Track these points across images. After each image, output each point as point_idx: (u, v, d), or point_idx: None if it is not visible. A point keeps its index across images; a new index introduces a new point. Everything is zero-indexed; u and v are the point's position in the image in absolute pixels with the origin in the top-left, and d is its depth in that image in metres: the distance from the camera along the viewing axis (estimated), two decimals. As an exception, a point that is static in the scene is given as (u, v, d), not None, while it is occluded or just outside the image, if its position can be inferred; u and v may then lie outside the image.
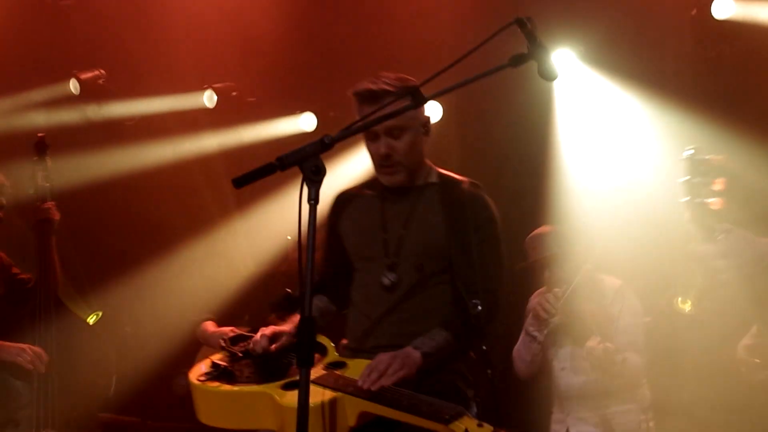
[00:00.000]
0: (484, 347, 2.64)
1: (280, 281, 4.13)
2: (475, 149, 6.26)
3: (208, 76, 6.30)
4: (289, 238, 4.38)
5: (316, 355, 2.79)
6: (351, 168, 5.94)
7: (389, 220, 2.89)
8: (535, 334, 3.89)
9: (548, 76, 2.46)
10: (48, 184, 4.27)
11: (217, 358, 2.86)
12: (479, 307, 2.66)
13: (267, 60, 6.10)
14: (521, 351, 4.01)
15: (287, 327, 2.86)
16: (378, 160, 2.89)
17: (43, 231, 4.17)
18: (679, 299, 5.66)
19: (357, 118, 2.84)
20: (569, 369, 3.95)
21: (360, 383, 2.56)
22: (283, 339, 2.81)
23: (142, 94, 6.31)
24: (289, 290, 2.97)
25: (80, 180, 5.77)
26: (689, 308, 5.63)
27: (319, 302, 3.02)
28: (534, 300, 3.90)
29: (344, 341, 2.99)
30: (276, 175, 2.18)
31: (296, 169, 2.18)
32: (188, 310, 5.98)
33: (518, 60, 2.39)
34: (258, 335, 2.81)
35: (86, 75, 6.13)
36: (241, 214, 6.41)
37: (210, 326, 4.22)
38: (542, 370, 4.06)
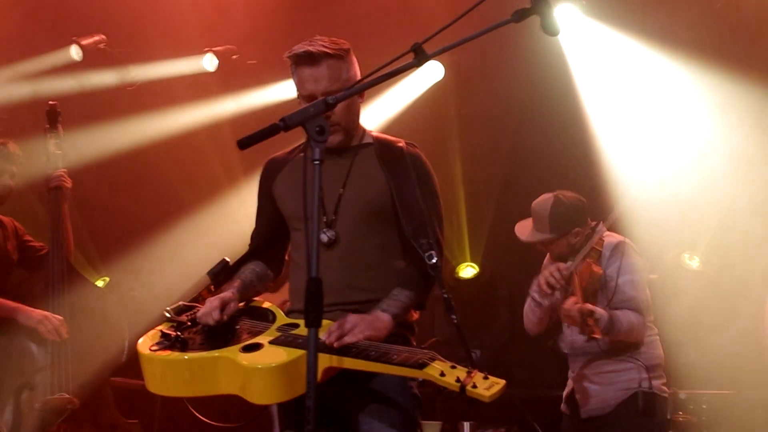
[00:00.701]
0: (445, 294, 2.64)
1: None
2: (477, 112, 6.24)
3: (209, 40, 6.26)
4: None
5: (262, 321, 2.81)
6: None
7: (326, 179, 2.88)
8: (540, 300, 3.91)
9: (551, 31, 2.44)
10: (60, 152, 4.27)
11: (164, 328, 2.83)
12: (435, 258, 2.68)
13: (267, 22, 6.06)
14: (528, 313, 4.03)
15: (230, 294, 2.85)
16: None
17: (55, 199, 4.18)
18: (686, 255, 5.69)
19: (294, 81, 2.90)
20: (574, 328, 3.94)
21: (324, 338, 2.57)
22: (232, 306, 2.81)
23: (141, 59, 6.27)
24: (226, 258, 2.96)
25: (88, 148, 5.79)
26: (697, 265, 5.65)
27: (256, 267, 3.02)
28: (543, 273, 3.86)
29: (288, 304, 3.00)
30: (283, 140, 2.18)
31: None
32: (197, 274, 6.03)
33: (521, 15, 2.37)
34: (207, 306, 2.79)
35: (87, 40, 6.10)
36: (248, 179, 6.40)
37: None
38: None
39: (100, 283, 5.96)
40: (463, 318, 2.65)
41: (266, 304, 2.93)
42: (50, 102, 4.35)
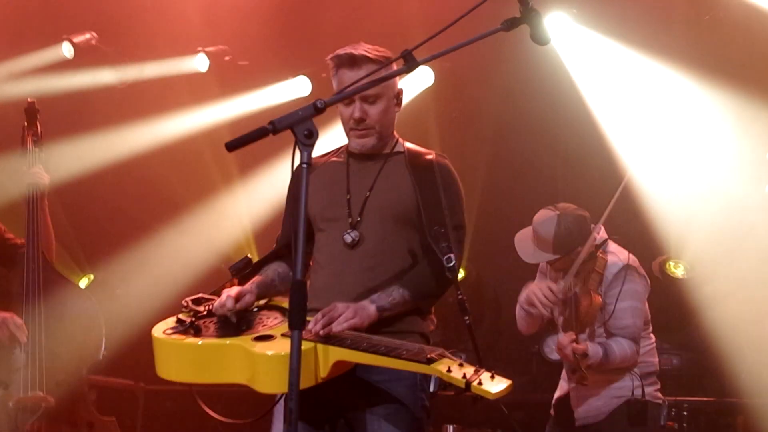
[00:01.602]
0: (460, 296, 2.69)
1: None
2: (463, 116, 6.26)
3: (201, 40, 6.26)
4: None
5: (280, 316, 2.83)
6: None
7: (354, 182, 2.95)
8: (530, 311, 3.89)
9: (541, 41, 2.46)
10: (37, 149, 4.25)
11: (182, 315, 2.86)
12: (453, 262, 2.73)
13: (259, 23, 6.06)
14: (519, 318, 4.04)
15: (249, 287, 2.88)
16: (351, 123, 2.94)
17: (32, 196, 4.16)
18: (671, 263, 5.73)
19: (333, 84, 2.92)
20: None
21: (310, 326, 2.60)
22: (247, 298, 2.83)
23: (132, 59, 6.27)
24: (249, 255, 2.99)
25: (78, 150, 5.80)
26: (682, 273, 5.68)
27: (279, 268, 3.04)
28: (532, 287, 3.83)
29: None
30: (278, 142, 2.18)
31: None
32: (183, 274, 6.04)
33: (511, 24, 2.39)
34: (223, 296, 2.82)
35: (79, 38, 6.09)
36: (243, 180, 6.41)
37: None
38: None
39: (84, 281, 5.95)
40: (449, 321, 2.68)
41: (285, 304, 2.92)
42: (29, 100, 4.34)
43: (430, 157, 3.00)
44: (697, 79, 5.46)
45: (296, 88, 6.42)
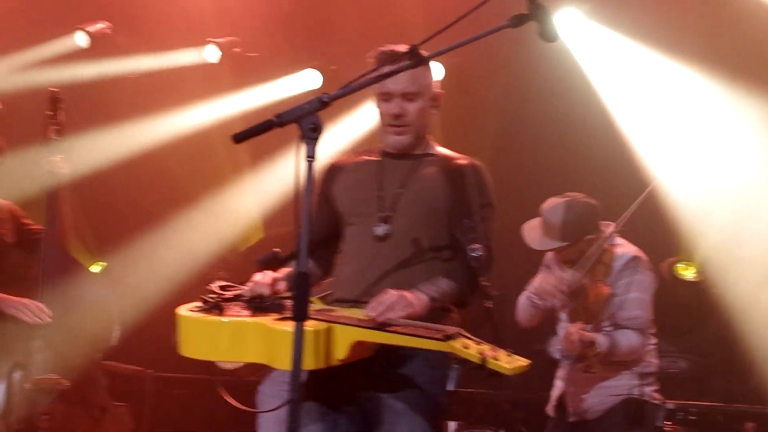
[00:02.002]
0: (483, 281, 2.68)
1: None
2: (470, 115, 6.25)
3: (212, 31, 6.28)
4: None
5: None
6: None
7: (386, 180, 2.97)
8: (537, 302, 3.91)
9: (549, 38, 2.46)
10: (59, 138, 4.30)
11: (207, 297, 2.86)
12: (478, 251, 2.71)
13: (269, 14, 6.08)
14: (521, 308, 4.02)
15: (281, 275, 2.87)
16: (388, 119, 2.97)
17: (52, 184, 4.21)
18: (681, 266, 5.68)
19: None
20: None
21: (367, 313, 2.60)
22: (281, 284, 2.83)
23: (145, 49, 6.30)
24: (277, 249, 3.00)
25: (94, 144, 5.84)
26: (693, 275, 5.64)
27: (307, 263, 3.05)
28: (542, 280, 3.85)
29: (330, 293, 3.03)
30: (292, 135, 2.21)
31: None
32: (193, 264, 6.09)
33: (518, 20, 2.39)
34: (258, 278, 2.82)
35: (93, 27, 6.12)
36: (254, 173, 6.43)
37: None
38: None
39: (96, 269, 6.00)
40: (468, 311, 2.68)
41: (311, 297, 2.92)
42: (52, 89, 4.38)
43: (463, 161, 3.03)
44: (712, 76, 5.44)
45: (306, 80, 6.44)
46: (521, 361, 2.41)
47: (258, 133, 2.20)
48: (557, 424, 4.02)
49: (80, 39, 6.11)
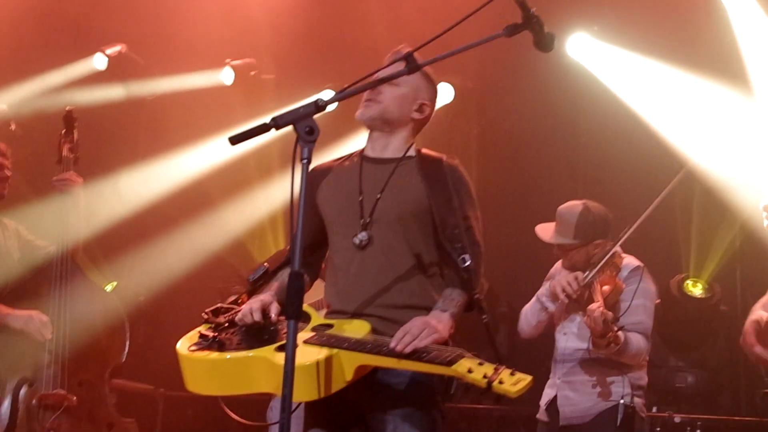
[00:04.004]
0: (477, 295, 2.71)
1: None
2: (481, 137, 6.28)
3: (228, 53, 6.38)
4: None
5: (301, 322, 2.77)
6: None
7: (367, 185, 2.97)
8: (548, 304, 3.95)
9: (544, 47, 2.50)
10: (73, 156, 4.36)
11: (203, 329, 2.89)
12: (468, 261, 2.74)
13: (286, 36, 6.16)
14: (528, 314, 4.05)
15: (269, 297, 2.89)
16: (365, 95, 2.98)
17: (64, 201, 4.26)
18: (690, 282, 5.69)
19: None
20: (570, 335, 3.98)
21: (393, 345, 2.59)
22: (273, 307, 2.85)
23: (162, 71, 6.40)
24: (266, 263, 3.01)
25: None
26: (700, 292, 5.65)
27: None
28: (558, 277, 3.88)
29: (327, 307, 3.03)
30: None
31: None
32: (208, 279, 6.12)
33: (512, 29, 2.43)
34: (246, 307, 2.84)
35: (111, 50, 6.24)
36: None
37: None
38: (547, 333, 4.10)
39: (108, 288, 6.05)
40: (462, 336, 2.70)
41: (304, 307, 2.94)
42: (67, 108, 4.46)
43: (439, 159, 3.02)
44: (724, 87, 5.46)
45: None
46: (524, 380, 2.42)
47: (254, 136, 2.24)
48: (549, 428, 4.01)
49: (99, 61, 6.21)
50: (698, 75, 5.53)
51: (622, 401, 3.84)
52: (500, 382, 2.40)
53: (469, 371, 2.44)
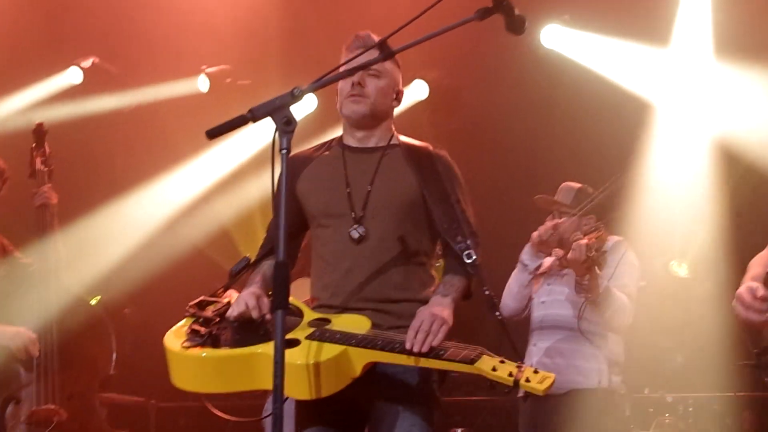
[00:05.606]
0: (486, 291, 2.67)
1: None
2: (459, 132, 6.30)
3: (203, 60, 6.37)
4: None
5: (295, 316, 2.80)
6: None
7: (353, 176, 2.92)
8: (527, 262, 4.08)
9: (515, 30, 2.50)
10: (46, 169, 4.33)
11: (192, 324, 2.78)
12: (474, 257, 2.71)
13: (260, 42, 6.16)
14: (511, 283, 4.18)
15: (258, 289, 2.84)
16: (348, 90, 2.92)
17: (42, 215, 4.24)
18: (674, 263, 5.75)
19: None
20: (549, 303, 4.09)
21: (409, 346, 2.56)
22: (265, 300, 2.80)
23: (137, 82, 6.39)
24: (247, 256, 2.96)
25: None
26: (685, 272, 5.71)
27: (272, 261, 2.91)
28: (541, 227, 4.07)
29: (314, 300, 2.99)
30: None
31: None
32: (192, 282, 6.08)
33: (483, 13, 2.43)
34: (241, 302, 2.77)
35: (86, 62, 6.21)
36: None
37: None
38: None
39: (92, 302, 6.01)
40: (453, 328, 2.68)
41: (295, 301, 2.85)
42: (37, 122, 4.44)
43: (426, 149, 3.00)
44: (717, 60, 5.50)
45: (303, 104, 6.46)
46: (549, 378, 2.42)
47: (231, 129, 2.24)
48: (529, 401, 4.04)
49: (74, 75, 6.18)
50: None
51: (599, 384, 3.92)
52: (527, 380, 2.39)
53: (494, 369, 2.43)
